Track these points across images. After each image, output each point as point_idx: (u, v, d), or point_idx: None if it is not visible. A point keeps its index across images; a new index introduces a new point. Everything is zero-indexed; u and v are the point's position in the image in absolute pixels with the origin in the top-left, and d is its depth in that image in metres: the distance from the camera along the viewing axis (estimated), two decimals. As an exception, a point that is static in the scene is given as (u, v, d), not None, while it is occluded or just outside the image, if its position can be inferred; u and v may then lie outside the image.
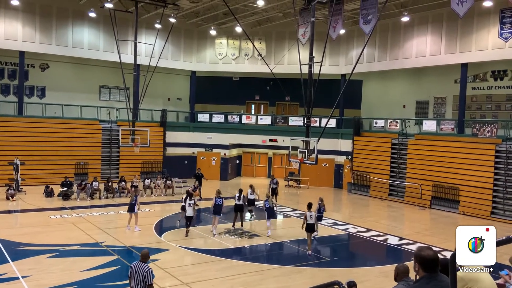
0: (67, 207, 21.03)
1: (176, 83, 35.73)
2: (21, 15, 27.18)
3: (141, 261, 8.04)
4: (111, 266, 12.79)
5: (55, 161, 26.92)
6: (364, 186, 28.24)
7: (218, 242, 16.03)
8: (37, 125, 27.31)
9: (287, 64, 30.49)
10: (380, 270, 13.50)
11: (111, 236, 15.98)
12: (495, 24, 22.95)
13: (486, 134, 22.97)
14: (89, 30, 29.46)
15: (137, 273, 7.83)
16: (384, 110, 31.30)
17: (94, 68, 31.68)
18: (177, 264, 13.31)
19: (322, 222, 19.70)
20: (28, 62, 29.24)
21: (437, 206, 23.83)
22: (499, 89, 26.30)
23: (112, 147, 29.27)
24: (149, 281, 7.76)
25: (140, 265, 7.94)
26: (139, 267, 7.90)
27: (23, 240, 15.05)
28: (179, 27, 31.69)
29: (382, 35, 28.69)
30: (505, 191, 21.45)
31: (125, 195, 23.81)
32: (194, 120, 33.64)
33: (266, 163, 34.93)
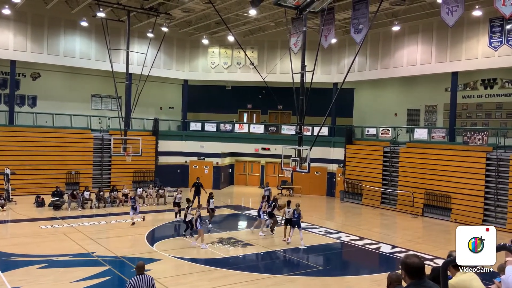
0: (58, 217, 20.84)
1: (168, 92, 35.69)
2: (13, 24, 27.08)
3: (141, 273, 7.77)
4: (102, 276, 12.66)
5: (46, 171, 26.72)
6: (356, 194, 28.29)
7: (211, 251, 15.94)
8: (28, 134, 27.13)
9: (279, 73, 30.61)
10: (372, 279, 13.48)
11: (103, 246, 15.84)
12: (484, 33, 23.22)
13: (477, 142, 23.14)
14: (81, 39, 29.41)
15: (146, 285, 7.60)
16: (375, 119, 31.46)
17: (86, 77, 31.59)
18: (169, 274, 13.21)
19: (315, 231, 19.74)
20: (19, 71, 29.10)
21: (429, 214, 23.91)
22: (489, 97, 26.56)
23: (103, 156, 29.12)
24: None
25: (144, 277, 7.70)
26: (145, 280, 7.66)
27: (14, 251, 14.87)
28: (171, 36, 31.74)
29: (373, 44, 28.92)
30: (497, 198, 21.58)
31: (116, 205, 23.67)
32: (187, 129, 33.60)
33: (259, 171, 34.90)
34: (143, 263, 7.95)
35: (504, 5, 18.04)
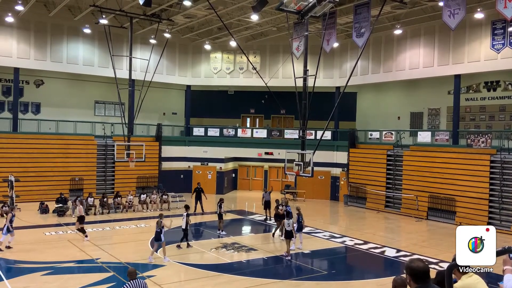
0: (62, 223, 20.86)
1: (171, 98, 35.78)
2: (16, 31, 27.24)
3: (133, 279, 8.06)
4: (107, 283, 12.65)
5: (50, 177, 26.78)
6: (360, 198, 28.22)
7: (215, 257, 15.92)
8: (32, 141, 27.22)
9: (281, 77, 30.64)
10: (377, 283, 13.43)
11: (107, 253, 15.84)
12: (486, 35, 23.20)
13: (480, 145, 23.06)
14: (84, 46, 29.55)
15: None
16: (378, 122, 31.43)
17: (89, 84, 31.71)
18: (173, 279, 13.20)
19: (319, 235, 19.68)
20: (23, 78, 29.25)
21: (434, 217, 23.81)
22: (493, 99, 26.49)
23: (107, 163, 29.16)
24: None
25: (137, 282, 7.97)
26: (138, 285, 7.92)
27: (18, 258, 14.89)
28: (173, 42, 31.85)
29: (375, 47, 28.93)
30: (501, 201, 21.48)
31: (120, 211, 23.68)
32: (190, 134, 33.62)
33: (262, 176, 34.88)
34: (134, 269, 8.41)
35: (506, 7, 18.04)
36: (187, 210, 17.29)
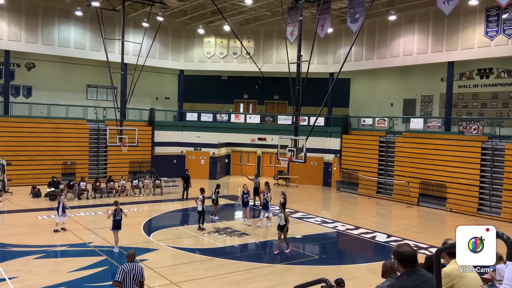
0: (54, 207, 20.77)
1: (164, 82, 35.55)
2: (6, 13, 26.82)
3: (131, 261, 8.15)
4: (99, 266, 12.71)
5: (42, 161, 26.64)
6: (352, 184, 28.40)
7: (207, 241, 16.02)
8: (23, 125, 27.01)
9: (275, 62, 30.49)
10: (368, 267, 13.59)
11: (99, 237, 15.88)
12: (480, 22, 23.19)
13: (472, 132, 23.21)
14: (76, 29, 29.18)
15: (135, 273, 7.92)
16: (372, 108, 31.48)
17: (81, 67, 31.38)
18: (166, 263, 13.26)
19: (311, 221, 19.85)
20: (14, 61, 28.89)
21: (425, 203, 24.04)
22: (485, 87, 26.59)
23: (99, 147, 29.04)
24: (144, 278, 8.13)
25: (134, 265, 8.06)
26: (135, 267, 8.01)
27: (10, 241, 14.88)
28: (166, 26, 31.54)
29: (370, 33, 28.84)
30: (491, 188, 21.72)
31: (113, 195, 23.66)
32: (183, 119, 33.51)
33: (255, 161, 34.93)
34: (133, 252, 8.44)
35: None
36: (202, 193, 17.52)
